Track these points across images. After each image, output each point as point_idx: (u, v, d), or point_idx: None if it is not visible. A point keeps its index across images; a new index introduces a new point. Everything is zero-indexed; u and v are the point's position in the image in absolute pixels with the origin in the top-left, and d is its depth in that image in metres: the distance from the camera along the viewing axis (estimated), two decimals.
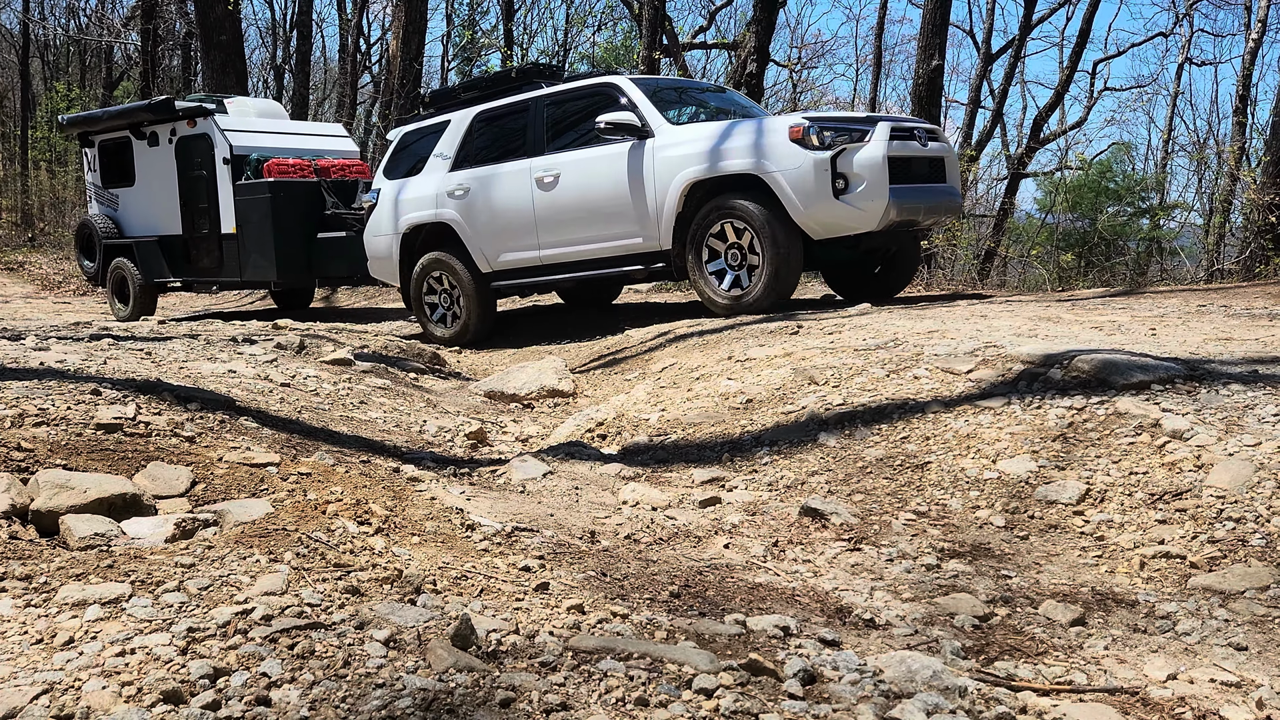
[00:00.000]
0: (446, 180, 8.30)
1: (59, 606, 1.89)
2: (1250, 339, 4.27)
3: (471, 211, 8.08)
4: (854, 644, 2.15)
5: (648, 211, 7.13)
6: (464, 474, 3.65)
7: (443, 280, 8.39)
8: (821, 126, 6.58)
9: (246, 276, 10.74)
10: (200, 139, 10.87)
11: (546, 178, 7.62)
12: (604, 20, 24.62)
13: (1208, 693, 2.01)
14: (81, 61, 31.81)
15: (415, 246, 8.63)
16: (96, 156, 12.20)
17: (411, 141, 8.90)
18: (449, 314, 8.48)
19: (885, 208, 6.47)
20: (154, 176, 11.40)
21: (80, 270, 13.18)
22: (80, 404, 3.47)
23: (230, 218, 10.64)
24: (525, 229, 7.79)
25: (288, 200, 10.35)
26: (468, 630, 1.85)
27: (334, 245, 10.29)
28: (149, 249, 11.41)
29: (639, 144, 7.16)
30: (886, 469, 3.37)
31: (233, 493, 2.83)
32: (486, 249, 8.06)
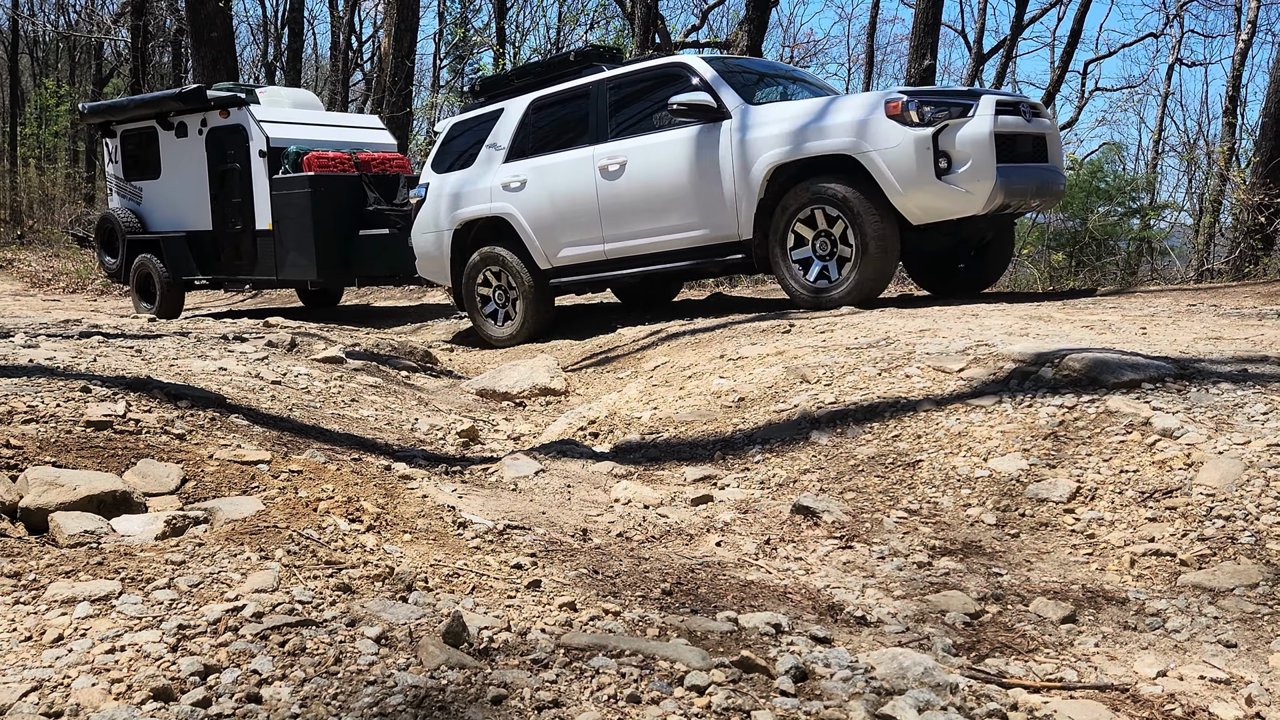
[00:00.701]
0: (501, 172, 7.86)
1: (48, 604, 1.88)
2: (1240, 338, 4.29)
3: (529, 204, 7.65)
4: (846, 641, 2.16)
5: (724, 199, 6.66)
6: (456, 472, 3.65)
7: (497, 277, 7.97)
8: (921, 101, 6.05)
9: (283, 275, 10.20)
10: (234, 130, 10.31)
11: (611, 166, 7.16)
12: (596, 19, 24.61)
13: (1197, 689, 2.02)
14: (71, 58, 31.66)
15: (466, 243, 8.20)
16: (119, 147, 11.61)
17: (461, 132, 8.44)
18: (503, 311, 8.05)
19: (992, 190, 5.92)
20: (182, 169, 10.85)
21: (101, 267, 12.56)
22: (70, 401, 3.45)
23: (266, 213, 10.10)
24: (588, 221, 7.35)
25: (328, 195, 9.80)
26: (459, 627, 1.84)
27: (375, 243, 9.83)
28: (176, 245, 10.86)
29: (714, 126, 6.68)
30: (878, 467, 3.38)
31: (223, 490, 2.82)
32: (546, 244, 7.62)
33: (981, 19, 21.43)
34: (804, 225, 6.41)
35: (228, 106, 10.29)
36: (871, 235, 6.08)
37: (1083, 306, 5.80)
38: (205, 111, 10.49)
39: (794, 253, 6.49)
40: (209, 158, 10.52)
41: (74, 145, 29.57)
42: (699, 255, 6.96)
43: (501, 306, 8.06)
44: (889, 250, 6.15)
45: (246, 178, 10.19)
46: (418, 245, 8.54)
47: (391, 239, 9.60)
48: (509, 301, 7.99)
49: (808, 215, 6.35)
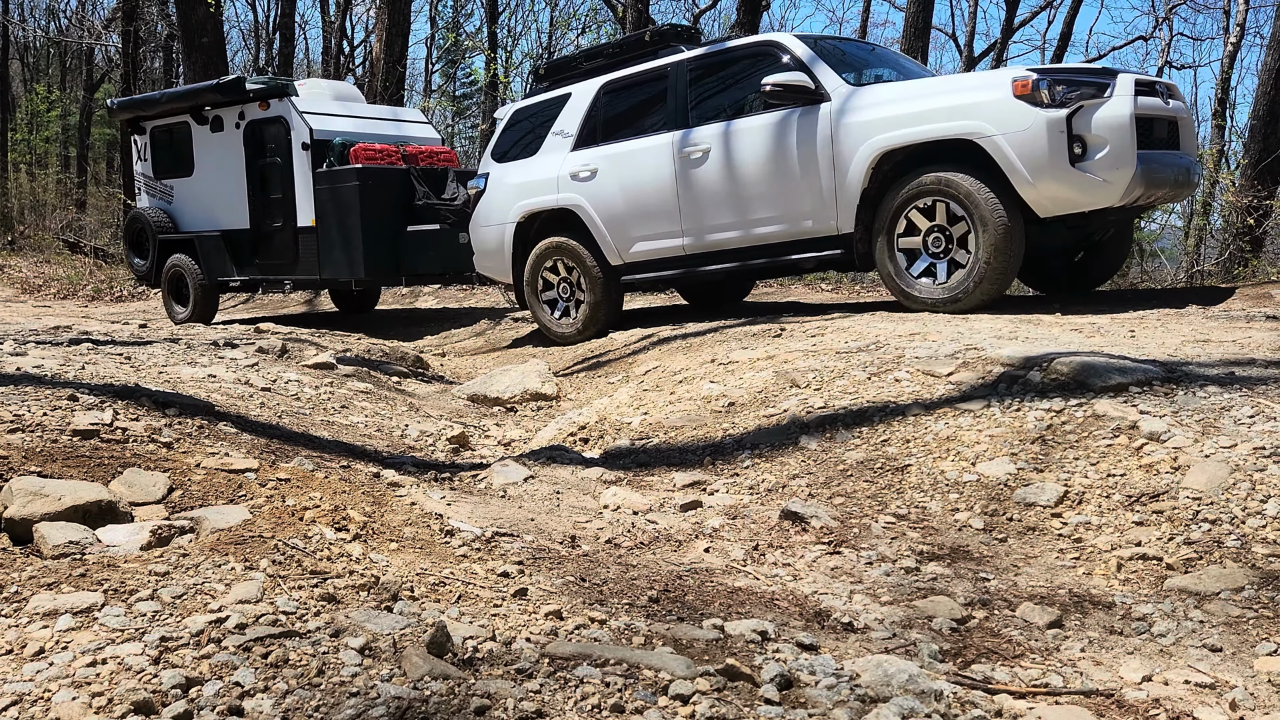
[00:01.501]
0: (569, 160, 7.36)
1: (30, 616, 1.87)
2: (1228, 340, 4.31)
3: (600, 195, 7.14)
4: (832, 648, 2.15)
5: (822, 189, 6.12)
6: (445, 478, 3.64)
7: (566, 269, 7.49)
8: (1054, 79, 5.47)
9: (326, 275, 9.61)
10: (274, 123, 9.77)
11: (693, 153, 6.65)
12: (588, 23, 24.63)
13: (1182, 694, 2.02)
14: (62, 63, 31.60)
15: (529, 237, 7.71)
16: (148, 144, 11.08)
17: (524, 119, 7.93)
18: (567, 306, 7.55)
19: (1131, 179, 5.34)
20: (217, 165, 10.33)
21: (130, 269, 12.04)
22: (57, 410, 3.44)
23: (309, 209, 9.52)
24: (665, 214, 6.85)
25: (376, 189, 9.24)
26: (443, 637, 1.84)
27: (424, 239, 9.29)
28: (212, 245, 10.31)
29: (811, 110, 6.14)
30: (867, 472, 3.38)
31: (210, 499, 2.81)
32: (618, 238, 7.11)
33: (972, 22, 21.49)
34: (915, 219, 5.82)
35: (268, 98, 9.79)
36: (995, 231, 5.49)
37: (1072, 308, 5.82)
38: (243, 104, 9.97)
39: (901, 250, 5.91)
40: (247, 152, 10.03)
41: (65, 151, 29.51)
42: (791, 250, 6.41)
43: (566, 300, 7.57)
44: (1014, 248, 5.54)
45: (288, 172, 9.68)
46: (476, 239, 8.07)
47: (442, 235, 9.15)
48: (574, 296, 7.51)
49: (920, 208, 5.77)
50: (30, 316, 12.61)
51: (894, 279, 5.93)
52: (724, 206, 6.58)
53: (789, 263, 6.50)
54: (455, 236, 8.90)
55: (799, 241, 6.36)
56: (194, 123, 10.46)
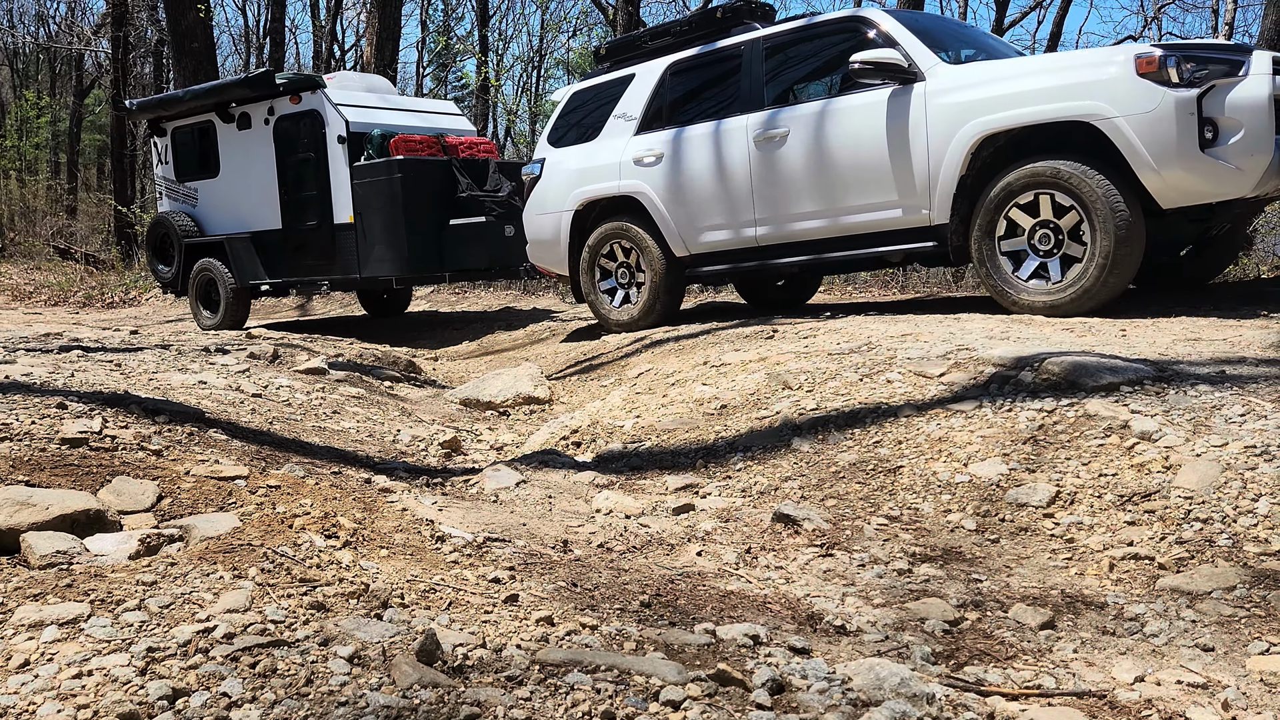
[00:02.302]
0: (633, 145, 7.00)
1: (15, 628, 1.85)
2: (1218, 339, 4.31)
3: (666, 182, 6.78)
4: (824, 651, 2.15)
5: (914, 176, 5.69)
6: (437, 484, 3.63)
7: (619, 253, 7.14)
8: (1182, 56, 4.97)
9: (367, 273, 9.15)
10: (307, 117, 9.33)
11: (769, 137, 6.26)
12: (579, 26, 24.65)
13: (1174, 694, 2.02)
14: (51, 70, 31.51)
15: (586, 225, 7.35)
16: (169, 146, 10.68)
17: (583, 102, 7.55)
18: (625, 293, 7.20)
19: (1268, 167, 4.85)
20: (245, 163, 9.93)
21: (154, 276, 11.48)
22: (45, 418, 3.42)
23: (346, 205, 9.10)
24: (737, 202, 6.47)
25: (418, 181, 8.83)
26: (433, 645, 1.83)
27: (469, 233, 8.91)
28: (242, 247, 9.89)
29: (903, 90, 5.71)
30: (859, 473, 3.38)
31: (199, 507, 2.79)
32: (684, 228, 6.76)
33: None
34: (1020, 211, 5.32)
35: (299, 91, 9.37)
36: (1115, 225, 4.99)
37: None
38: (273, 98, 9.56)
39: (1004, 245, 5.41)
40: (277, 149, 9.61)
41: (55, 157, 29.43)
42: (877, 242, 5.98)
43: (624, 287, 7.20)
44: (1135, 243, 5.03)
45: (322, 167, 9.25)
46: (530, 228, 7.67)
47: (487, 228, 8.82)
48: (633, 282, 7.14)
49: (1027, 200, 5.27)
50: (21, 323, 12.55)
51: (993, 278, 5.45)
52: (803, 194, 6.20)
53: (874, 256, 6.12)
54: (501, 230, 8.67)
55: (886, 233, 5.94)
56: (219, 121, 10.09)
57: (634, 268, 7.10)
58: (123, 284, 15.92)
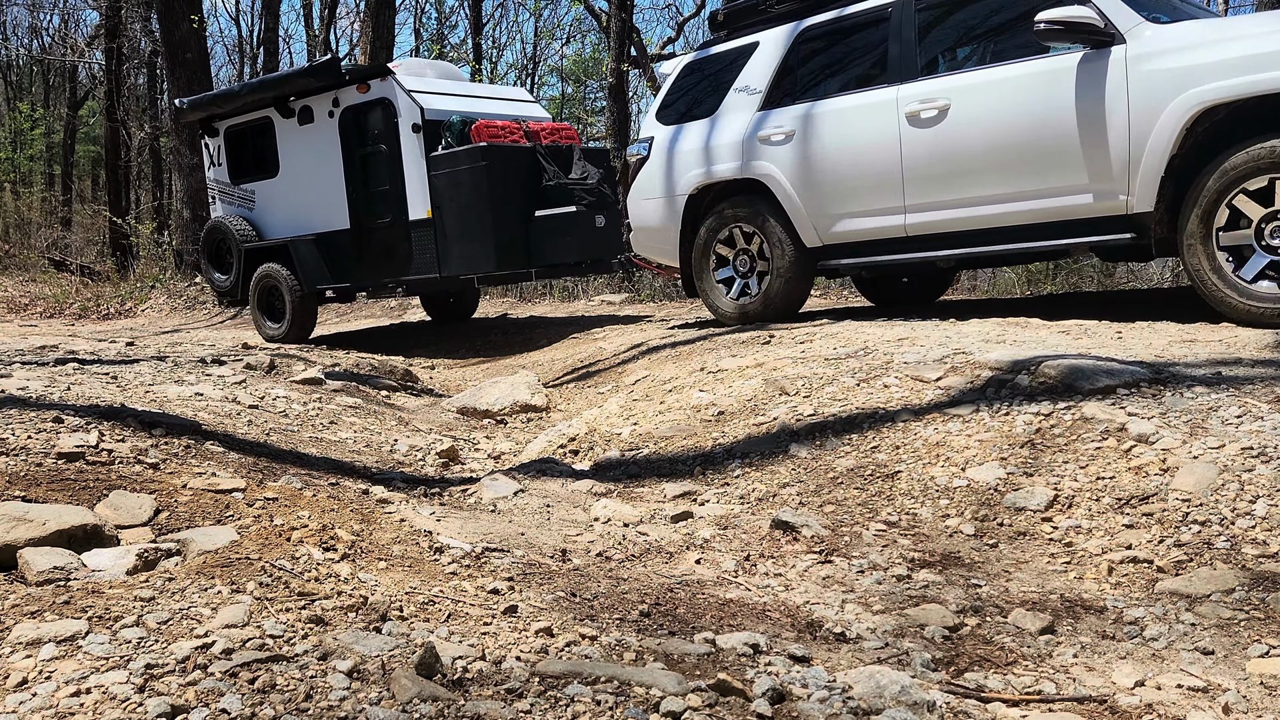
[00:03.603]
0: (757, 122, 6.33)
1: (13, 646, 1.85)
2: (1214, 340, 4.32)
3: (796, 163, 6.12)
4: (824, 659, 2.15)
5: (1109, 155, 4.95)
6: (434, 494, 3.62)
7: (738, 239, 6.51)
8: None
9: (449, 271, 8.45)
10: (377, 106, 8.68)
11: (925, 111, 5.56)
12: (572, 33, 24.70)
13: (1175, 698, 2.02)
14: (45, 81, 31.51)
15: (700, 211, 6.71)
16: (222, 147, 10.06)
17: (699, 74, 6.84)
18: (744, 283, 6.54)
19: None
20: (307, 160, 9.26)
21: (210, 287, 10.77)
22: (41, 432, 3.42)
23: (423, 199, 8.43)
24: (884, 186, 5.79)
25: (503, 170, 8.18)
26: (432, 658, 1.83)
27: (557, 225, 8.25)
28: (307, 250, 9.19)
29: (1096, 54, 4.97)
30: (857, 479, 3.38)
31: (197, 520, 2.79)
32: (817, 215, 6.09)
33: None
34: (1249, 198, 4.55)
35: (368, 79, 8.72)
36: None
37: (1060, 309, 5.83)
38: (339, 89, 8.89)
39: (1223, 238, 4.64)
40: (343, 143, 8.93)
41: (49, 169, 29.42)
42: (1059, 233, 5.24)
43: (743, 277, 6.55)
44: None
45: (395, 159, 8.57)
46: (636, 214, 7.01)
47: (577, 219, 8.18)
48: (753, 271, 6.48)
49: (1259, 185, 4.49)
50: (16, 336, 12.53)
51: (1207, 277, 4.68)
52: (967, 177, 5.47)
53: (1054, 248, 5.39)
54: (591, 220, 8.18)
55: (1070, 222, 5.19)
56: (278, 116, 9.41)
57: (755, 256, 6.46)
58: (118, 295, 15.90)
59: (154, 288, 15.68)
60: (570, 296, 11.99)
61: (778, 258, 6.27)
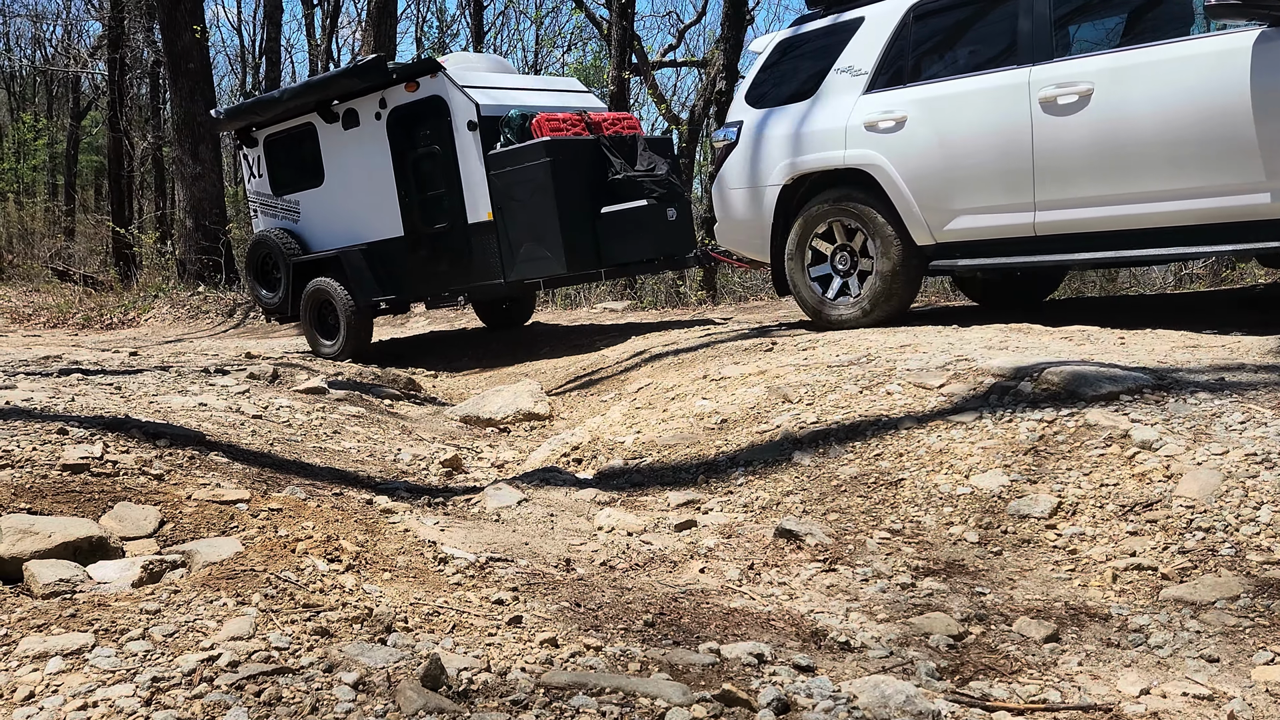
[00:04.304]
0: (862, 106, 5.81)
1: (19, 660, 1.85)
2: (1217, 346, 4.32)
3: (909, 152, 5.59)
4: (829, 668, 2.15)
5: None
6: (438, 503, 3.63)
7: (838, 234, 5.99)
8: None
9: (515, 276, 7.98)
10: (428, 105, 8.16)
11: (1063, 96, 4.99)
12: (573, 41, 24.76)
13: (1180, 707, 2.02)
14: (48, 92, 31.63)
15: (794, 202, 6.19)
16: (262, 157, 9.54)
17: (794, 53, 6.32)
18: (848, 282, 6.01)
19: None
20: (355, 166, 8.74)
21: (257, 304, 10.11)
22: (46, 444, 3.42)
23: (483, 200, 7.94)
24: (1011, 180, 5.25)
25: (568, 165, 7.70)
26: (438, 670, 1.83)
27: (627, 221, 7.77)
28: (359, 261, 8.70)
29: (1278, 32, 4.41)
30: (860, 487, 3.38)
31: (202, 531, 2.80)
32: (931, 209, 5.56)
33: None
34: None
35: (417, 76, 8.20)
36: None
37: (1063, 315, 5.83)
38: (386, 89, 8.37)
39: None
40: (393, 145, 8.43)
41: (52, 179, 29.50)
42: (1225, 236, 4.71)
43: (842, 276, 6.02)
44: None
45: (450, 160, 8.08)
46: (723, 205, 6.54)
47: (648, 213, 7.70)
48: (855, 269, 5.96)
49: None
50: (20, 346, 12.53)
51: None
52: (1112, 172, 4.92)
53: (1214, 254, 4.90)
54: (663, 214, 7.75)
55: (1241, 225, 4.65)
56: (321, 121, 8.90)
57: (857, 254, 5.94)
58: (121, 305, 15.93)
59: (157, 297, 15.70)
60: (572, 304, 11.95)
61: (883, 257, 5.74)
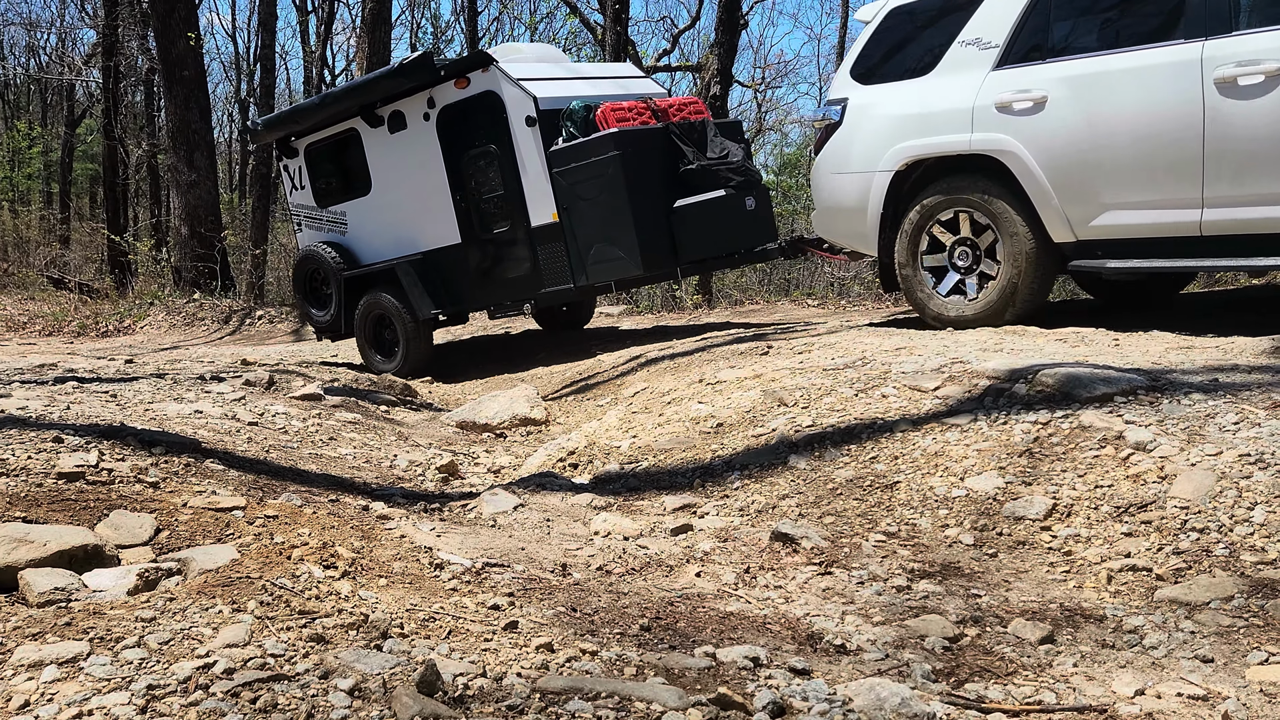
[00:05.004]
0: (993, 84, 5.18)
1: (14, 668, 1.85)
2: (1211, 346, 4.33)
3: (1048, 137, 4.99)
4: (824, 672, 2.15)
5: None
6: (434, 509, 3.63)
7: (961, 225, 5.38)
8: None
9: (586, 280, 7.45)
10: (481, 101, 7.62)
11: (1246, 77, 4.39)
12: (568, 45, 24.77)
13: (1175, 708, 2.02)
14: (43, 100, 31.62)
15: (906, 190, 5.64)
16: (303, 168, 8.99)
17: (909, 22, 5.72)
18: (965, 279, 5.44)
19: None
20: (404, 172, 8.25)
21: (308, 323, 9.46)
22: (41, 453, 3.42)
23: (547, 200, 7.40)
24: (1174, 171, 4.66)
25: (638, 157, 7.16)
26: (433, 676, 1.83)
27: (703, 213, 7.18)
28: (414, 272, 8.15)
29: None
30: (856, 490, 3.38)
31: (197, 539, 2.79)
32: (1072, 202, 4.97)
33: None
34: None
35: (466, 72, 7.67)
36: None
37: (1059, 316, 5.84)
38: (434, 87, 7.83)
39: None
40: (444, 147, 7.90)
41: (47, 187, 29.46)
42: None
43: (961, 272, 5.45)
44: None
45: (509, 159, 7.55)
46: (823, 192, 6.00)
47: (726, 204, 7.18)
48: (975, 264, 5.37)
49: None
50: (15, 354, 12.51)
51: None
52: None
53: None
54: (741, 204, 7.23)
55: None
56: (365, 126, 8.39)
57: (980, 249, 5.36)
58: (117, 313, 15.90)
59: (152, 305, 15.68)
60: None
61: (1012, 253, 5.16)
